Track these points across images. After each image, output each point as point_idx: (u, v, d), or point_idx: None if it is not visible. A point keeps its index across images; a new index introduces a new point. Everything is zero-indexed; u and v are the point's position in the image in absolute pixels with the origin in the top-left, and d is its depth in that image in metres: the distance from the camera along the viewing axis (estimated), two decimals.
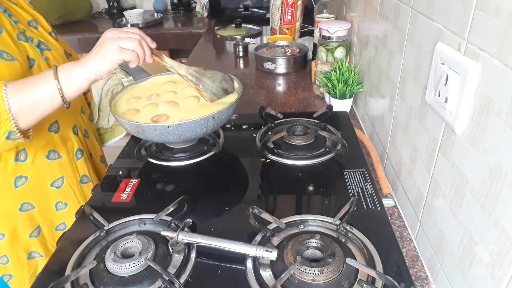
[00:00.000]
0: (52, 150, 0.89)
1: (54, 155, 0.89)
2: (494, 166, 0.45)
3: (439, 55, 0.58)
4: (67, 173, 0.93)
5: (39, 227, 0.91)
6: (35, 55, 0.84)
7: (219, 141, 0.91)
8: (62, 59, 0.93)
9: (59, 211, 0.93)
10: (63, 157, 0.91)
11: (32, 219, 0.89)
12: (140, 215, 0.70)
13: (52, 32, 0.95)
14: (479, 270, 0.49)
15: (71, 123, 0.94)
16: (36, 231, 0.90)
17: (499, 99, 0.44)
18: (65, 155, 0.92)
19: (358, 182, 0.77)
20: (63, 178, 0.92)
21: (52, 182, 0.90)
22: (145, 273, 0.57)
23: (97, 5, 2.91)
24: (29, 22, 0.89)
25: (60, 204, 0.93)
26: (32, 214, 0.89)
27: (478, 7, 0.48)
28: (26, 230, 0.89)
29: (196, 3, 2.76)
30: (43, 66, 0.85)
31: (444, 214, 0.59)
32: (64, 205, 0.94)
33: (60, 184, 0.92)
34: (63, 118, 0.90)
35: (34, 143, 0.84)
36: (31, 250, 0.91)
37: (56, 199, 0.92)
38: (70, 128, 0.94)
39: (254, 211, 0.63)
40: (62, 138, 0.91)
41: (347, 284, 0.54)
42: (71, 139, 0.94)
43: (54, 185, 0.91)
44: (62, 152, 0.91)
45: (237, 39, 2.00)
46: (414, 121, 0.70)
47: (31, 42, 0.85)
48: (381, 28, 0.92)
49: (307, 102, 1.28)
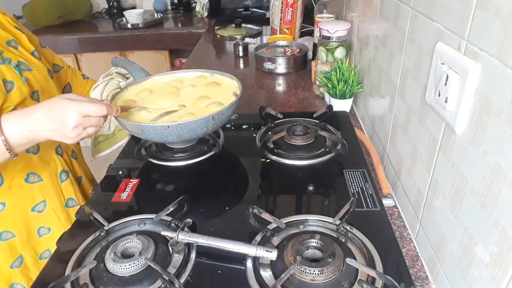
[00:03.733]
0: (32, 173, 0.84)
1: (34, 178, 0.85)
2: (494, 166, 0.45)
3: (439, 55, 0.58)
4: (50, 196, 0.88)
5: (21, 256, 0.86)
6: (13, 77, 0.79)
7: (219, 141, 0.91)
8: (45, 79, 0.88)
9: (42, 236, 0.88)
10: (44, 180, 0.86)
11: (13, 248, 0.85)
12: (140, 215, 0.70)
13: (35, 51, 0.89)
14: (479, 270, 0.49)
15: (54, 143, 0.89)
16: (18, 261, 0.86)
17: (499, 99, 0.44)
18: (47, 178, 0.87)
19: (358, 182, 0.77)
20: (45, 201, 0.87)
21: (33, 207, 0.86)
22: (145, 273, 0.57)
23: (97, 5, 2.91)
24: (8, 42, 0.84)
25: (43, 229, 0.88)
26: (12, 243, 0.84)
27: (478, 7, 0.48)
28: (7, 261, 0.84)
29: (196, 3, 2.76)
30: (23, 88, 0.80)
31: (444, 214, 0.59)
32: (48, 230, 0.89)
33: (42, 208, 0.87)
34: None
35: (10, 166, 0.80)
36: (12, 281, 0.87)
37: (38, 224, 0.87)
38: (52, 149, 0.89)
39: (254, 211, 0.63)
40: (43, 159, 0.86)
41: (347, 284, 0.54)
42: (54, 160, 0.89)
43: (35, 209, 0.86)
44: (43, 174, 0.86)
45: (237, 39, 2.00)
46: (414, 121, 0.70)
47: (9, 64, 0.80)
48: (381, 28, 0.92)
49: (307, 102, 1.28)
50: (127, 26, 2.51)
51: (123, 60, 1.02)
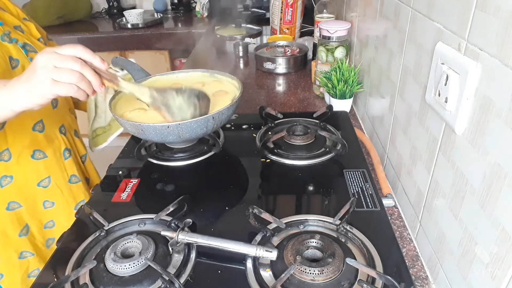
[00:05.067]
0: (38, 150, 0.88)
1: (40, 155, 0.89)
2: (494, 166, 0.45)
3: (439, 55, 0.58)
4: (54, 172, 0.92)
5: (27, 225, 0.91)
6: (19, 56, 0.83)
7: (219, 141, 0.91)
8: None
9: (47, 209, 0.93)
10: (49, 157, 0.91)
11: (20, 218, 0.89)
12: (140, 215, 0.71)
13: (41, 38, 0.94)
14: (479, 270, 0.49)
15: (57, 122, 0.93)
16: (25, 230, 0.91)
17: (499, 99, 0.44)
18: (52, 154, 0.91)
19: (358, 182, 0.77)
20: (49, 177, 0.92)
21: (38, 182, 0.90)
22: (145, 273, 0.57)
23: (97, 5, 2.91)
24: (16, 27, 0.89)
25: (48, 203, 0.93)
26: (19, 212, 0.89)
27: (478, 7, 0.48)
28: (15, 229, 0.89)
29: (196, 3, 2.76)
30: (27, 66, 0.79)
31: (444, 214, 0.59)
32: (52, 204, 0.94)
33: (47, 184, 0.91)
34: (48, 117, 0.89)
35: (17, 143, 0.84)
36: (21, 250, 0.91)
37: (43, 198, 0.92)
38: (56, 128, 0.93)
39: (254, 211, 0.63)
40: (48, 137, 0.90)
41: (347, 284, 0.54)
42: (58, 138, 0.93)
43: (40, 184, 0.90)
44: (48, 151, 0.90)
45: (237, 39, 2.00)
46: (414, 121, 0.70)
47: (16, 44, 0.84)
48: (381, 28, 0.92)
49: (307, 102, 1.28)
50: (127, 26, 2.52)
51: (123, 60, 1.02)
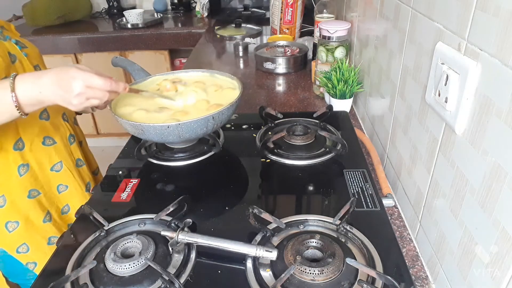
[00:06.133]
0: (47, 137, 0.92)
1: (49, 141, 0.93)
2: (494, 166, 0.45)
3: (439, 55, 0.58)
4: (64, 157, 0.97)
5: (48, 212, 0.95)
6: (15, 51, 0.87)
7: (219, 141, 0.91)
8: (39, 56, 0.97)
9: (61, 193, 0.98)
10: (58, 143, 0.95)
11: (42, 205, 0.93)
12: (140, 215, 0.70)
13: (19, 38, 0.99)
14: (479, 270, 0.49)
15: (59, 111, 0.98)
16: (48, 216, 0.94)
17: (499, 99, 0.44)
18: (59, 141, 0.96)
19: (358, 182, 0.77)
20: (61, 162, 0.96)
21: (51, 167, 0.94)
22: (145, 273, 0.57)
23: (97, 5, 2.91)
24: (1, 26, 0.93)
25: (62, 187, 0.97)
26: (40, 199, 0.93)
27: (478, 7, 0.48)
28: (39, 216, 0.92)
29: (196, 3, 2.76)
30: (24, 61, 0.88)
31: (444, 214, 0.59)
32: (65, 187, 0.98)
33: (59, 168, 0.96)
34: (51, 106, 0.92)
35: (28, 131, 0.88)
36: (49, 235, 0.95)
37: (57, 182, 0.96)
38: (59, 115, 0.97)
39: (254, 211, 0.63)
40: (54, 125, 0.94)
41: (347, 284, 0.54)
42: (63, 126, 0.98)
43: (54, 169, 0.95)
44: (56, 138, 0.95)
45: (237, 39, 2.00)
46: (414, 121, 0.70)
47: (10, 40, 0.88)
48: (381, 28, 0.92)
49: (307, 102, 1.28)
50: (127, 26, 2.51)
51: (123, 60, 1.02)
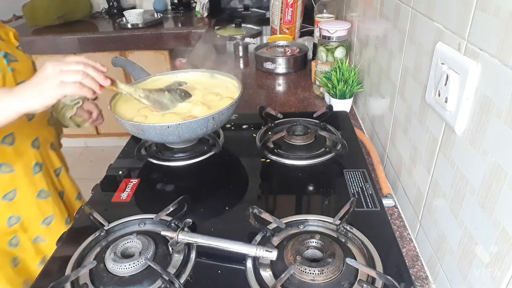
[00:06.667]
0: (4, 164, 0.87)
1: (6, 168, 0.88)
2: (494, 166, 0.45)
3: (439, 55, 0.58)
4: (22, 186, 0.91)
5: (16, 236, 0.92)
6: (1, 65, 0.83)
7: (219, 141, 0.91)
8: (30, 71, 0.91)
9: (11, 227, 0.92)
10: (16, 171, 0.89)
11: None
12: (140, 215, 0.71)
13: (19, 46, 0.95)
14: (479, 270, 0.49)
15: (31, 135, 0.92)
16: None
17: (499, 99, 0.44)
18: (20, 169, 0.90)
19: (358, 182, 0.77)
20: (15, 191, 0.90)
21: (4, 195, 0.89)
22: (145, 273, 0.57)
23: (97, 5, 2.91)
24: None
25: (13, 219, 0.91)
26: None
27: (478, 7, 0.48)
28: None
29: (196, 3, 2.76)
30: (7, 76, 0.84)
31: (444, 214, 0.59)
32: (17, 219, 0.92)
33: (12, 197, 0.90)
34: (21, 130, 0.88)
35: None
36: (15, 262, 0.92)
37: (9, 213, 0.91)
38: (29, 141, 0.91)
39: (254, 211, 0.63)
40: (17, 151, 0.89)
41: (347, 284, 0.54)
42: (28, 153, 0.91)
43: (6, 197, 0.89)
44: (16, 165, 0.89)
45: (237, 39, 2.00)
46: (414, 121, 0.70)
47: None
48: (381, 28, 0.92)
49: (307, 102, 1.28)
50: (127, 26, 2.51)
51: (123, 60, 1.02)
